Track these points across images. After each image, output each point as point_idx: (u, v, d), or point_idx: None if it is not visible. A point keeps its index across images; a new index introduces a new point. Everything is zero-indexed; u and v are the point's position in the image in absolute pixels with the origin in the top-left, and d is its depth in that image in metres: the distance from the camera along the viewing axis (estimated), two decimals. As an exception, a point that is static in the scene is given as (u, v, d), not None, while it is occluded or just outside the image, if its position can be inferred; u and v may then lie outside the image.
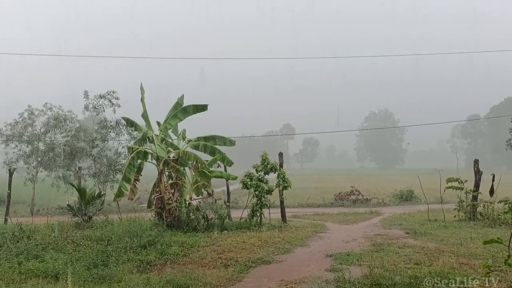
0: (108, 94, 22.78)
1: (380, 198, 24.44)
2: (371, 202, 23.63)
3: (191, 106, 14.69)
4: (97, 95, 22.72)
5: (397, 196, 25.05)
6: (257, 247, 10.58)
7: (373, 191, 29.46)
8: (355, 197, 24.18)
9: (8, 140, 22.75)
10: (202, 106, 14.67)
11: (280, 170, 14.71)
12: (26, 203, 23.37)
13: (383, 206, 22.35)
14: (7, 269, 7.89)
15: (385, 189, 30.49)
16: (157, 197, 13.91)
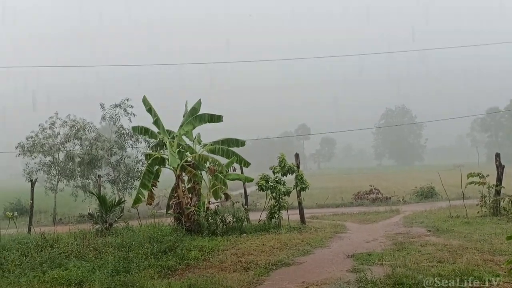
0: (122, 102, 23.08)
1: (400, 196, 24.14)
2: (391, 200, 23.36)
3: (207, 115, 14.75)
4: (112, 104, 23.04)
5: (418, 194, 24.71)
6: (277, 249, 10.55)
7: (392, 189, 29.12)
8: (374, 196, 23.92)
9: (29, 152, 23.15)
10: (217, 117, 14.72)
11: (297, 171, 14.65)
12: (48, 212, 23.76)
13: (403, 204, 22.07)
14: (32, 278, 8.02)
15: (405, 187, 30.10)
16: (175, 202, 14.00)
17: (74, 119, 23.81)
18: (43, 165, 23.45)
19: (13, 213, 14.91)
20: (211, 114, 14.81)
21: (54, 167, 23.51)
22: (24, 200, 24.27)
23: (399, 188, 29.93)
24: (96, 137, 23.74)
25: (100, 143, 23.44)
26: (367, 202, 23.40)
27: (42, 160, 23.54)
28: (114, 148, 23.54)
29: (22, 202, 24.67)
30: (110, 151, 23.48)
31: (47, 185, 23.59)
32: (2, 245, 10.66)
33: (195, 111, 15.10)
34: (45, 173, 23.55)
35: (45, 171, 23.46)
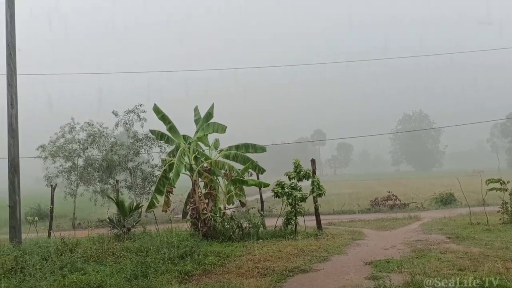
0: (136, 108, 23.37)
1: (418, 203, 23.81)
2: (409, 206, 23.05)
3: (215, 124, 14.78)
4: (126, 110, 23.35)
5: (436, 200, 24.33)
6: (294, 255, 10.50)
7: (410, 195, 28.75)
8: (392, 202, 23.63)
9: (52, 156, 23.53)
10: (222, 127, 14.72)
11: (313, 177, 14.59)
12: (68, 217, 24.10)
13: (422, 211, 21.74)
14: (52, 282, 8.15)
15: (423, 193, 29.69)
16: (192, 208, 14.07)
17: (91, 123, 24.13)
18: (63, 170, 23.80)
19: (34, 218, 15.18)
20: (219, 124, 14.81)
21: (74, 172, 23.86)
22: (44, 205, 24.69)
23: (417, 195, 29.54)
24: (113, 143, 24.02)
25: (118, 147, 23.71)
26: (384, 208, 23.12)
27: (62, 165, 23.90)
28: (130, 154, 23.79)
29: (42, 207, 25.09)
30: (127, 156, 23.74)
31: (67, 190, 23.94)
32: (23, 249, 10.84)
33: (210, 116, 15.18)
34: (65, 178, 23.90)
35: (64, 176, 23.81)
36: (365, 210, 23.24)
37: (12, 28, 12.65)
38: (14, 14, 12.76)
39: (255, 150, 15.63)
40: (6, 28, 12.61)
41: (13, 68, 12.59)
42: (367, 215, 21.07)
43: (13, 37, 12.65)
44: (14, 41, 12.66)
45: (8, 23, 12.63)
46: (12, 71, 12.55)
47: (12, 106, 12.44)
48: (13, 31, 12.66)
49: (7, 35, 12.60)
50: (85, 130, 23.92)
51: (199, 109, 15.76)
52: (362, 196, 29.98)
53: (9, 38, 12.59)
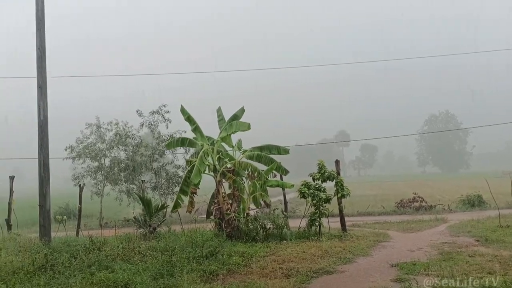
0: (160, 109, 23.64)
1: (445, 204, 23.31)
2: (436, 208, 22.60)
3: (237, 122, 14.81)
4: (151, 111, 23.65)
5: (464, 202, 23.75)
6: (318, 257, 10.46)
7: (437, 197, 28.18)
8: (418, 204, 23.20)
9: (79, 156, 24.06)
10: (245, 125, 14.73)
11: (337, 178, 14.50)
12: (95, 216, 24.61)
13: (449, 213, 21.28)
14: (80, 279, 8.34)
15: (450, 195, 29.04)
16: (216, 208, 14.19)
17: (116, 122, 24.53)
18: (90, 170, 24.31)
19: (63, 217, 15.59)
20: (242, 122, 14.84)
21: (100, 172, 24.33)
22: (72, 204, 25.31)
23: (444, 196, 28.94)
24: (138, 143, 24.37)
25: (143, 147, 24.06)
26: (410, 210, 22.73)
27: (89, 165, 24.41)
28: (155, 154, 24.11)
29: (70, 206, 25.72)
30: (152, 157, 24.06)
31: (94, 190, 24.43)
32: (53, 247, 11.16)
33: (236, 118, 15.25)
34: (92, 178, 24.39)
35: (92, 176, 24.30)
36: (390, 212, 22.90)
37: (42, 31, 13.02)
38: (43, 18, 13.12)
39: (279, 151, 15.66)
40: (37, 32, 12.98)
41: (43, 70, 12.95)
42: (392, 217, 20.77)
43: (43, 41, 13.02)
44: (44, 45, 13.03)
45: (38, 27, 12.99)
46: (42, 73, 12.91)
47: (42, 108, 12.79)
48: (43, 35, 13.03)
49: (37, 39, 12.97)
50: (110, 131, 24.34)
51: (222, 110, 15.88)
52: (387, 198, 29.55)
53: (39, 42, 12.95)
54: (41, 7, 13.06)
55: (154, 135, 24.31)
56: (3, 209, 16.32)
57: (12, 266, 9.23)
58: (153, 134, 24.36)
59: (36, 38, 13.01)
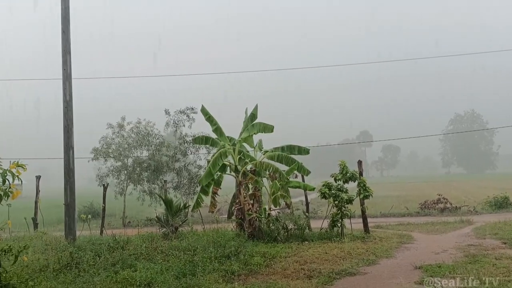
0: (187, 109, 23.81)
1: (470, 206, 22.82)
2: (461, 210, 22.15)
3: (260, 124, 14.78)
4: (177, 110, 23.84)
5: (490, 203, 23.20)
6: (340, 258, 10.36)
7: (462, 198, 27.61)
8: (442, 206, 22.78)
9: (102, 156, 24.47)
10: (269, 127, 14.68)
11: (360, 179, 14.34)
12: (118, 216, 24.99)
13: (475, 215, 20.81)
14: (105, 277, 8.47)
15: (476, 196, 28.41)
16: (237, 208, 14.21)
17: (139, 121, 24.84)
18: (113, 170, 24.69)
19: (87, 216, 15.88)
20: (264, 124, 14.83)
21: (123, 171, 24.68)
22: (95, 203, 25.76)
23: (469, 198, 28.33)
24: (161, 143, 24.62)
25: (165, 148, 24.30)
26: (434, 212, 22.34)
27: (112, 165, 24.80)
28: (177, 154, 24.30)
29: (94, 205, 26.19)
30: (174, 157, 24.28)
31: (117, 189, 24.81)
32: (78, 246, 11.37)
33: (254, 117, 15.27)
34: (115, 178, 24.76)
35: (115, 175, 24.68)
36: (414, 213, 22.56)
37: (67, 34, 13.29)
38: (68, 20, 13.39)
39: (299, 152, 15.59)
40: (62, 35, 13.26)
41: (69, 72, 13.21)
42: (416, 218, 20.45)
43: (68, 43, 13.28)
44: (69, 47, 13.30)
45: (64, 30, 13.26)
46: (67, 75, 13.17)
47: (67, 109, 13.07)
48: (68, 37, 13.30)
49: (62, 42, 13.25)
50: (133, 131, 24.66)
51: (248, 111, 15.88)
52: (411, 199, 29.12)
53: (65, 44, 13.23)
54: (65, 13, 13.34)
55: (176, 135, 24.50)
56: (29, 208, 16.74)
57: (38, 264, 9.45)
58: (175, 134, 24.57)
59: (61, 42, 13.29)
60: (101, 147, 24.46)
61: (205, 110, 15.46)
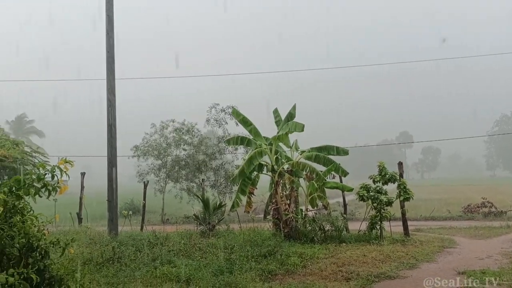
0: (227, 107, 23.98)
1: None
2: (507, 215, 21.19)
3: (293, 123, 14.62)
4: (219, 108, 24.06)
5: (540, 209, 22.08)
6: (379, 261, 10.18)
7: (508, 202, 26.34)
8: (487, 210, 21.89)
9: (143, 154, 25.10)
10: (300, 126, 14.46)
11: (400, 180, 14.02)
12: (157, 212, 25.54)
13: (522, 220, 19.88)
14: (145, 272, 8.70)
15: (524, 201, 27.11)
16: (273, 208, 14.22)
17: (182, 122, 25.26)
18: (153, 167, 25.28)
19: (128, 212, 16.34)
20: (296, 123, 14.64)
21: (163, 170, 25.21)
22: (136, 200, 26.43)
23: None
24: (200, 141, 24.94)
25: (203, 146, 24.61)
26: (478, 216, 21.50)
27: (153, 163, 25.38)
28: (216, 153, 24.56)
29: (134, 202, 26.88)
30: (212, 155, 24.55)
31: (156, 187, 25.37)
32: (120, 241, 11.71)
33: (291, 117, 15.20)
34: (155, 175, 25.34)
35: (155, 173, 25.25)
36: (456, 217, 21.82)
37: (111, 36, 13.72)
38: (112, 21, 13.82)
39: (337, 152, 15.38)
40: (107, 36, 13.70)
41: (112, 73, 13.65)
42: (458, 222, 19.77)
43: (112, 46, 13.71)
44: (113, 50, 13.73)
45: (108, 33, 13.70)
46: (111, 76, 13.61)
47: (111, 108, 13.49)
48: (112, 39, 13.73)
49: (107, 43, 13.69)
50: (175, 131, 25.12)
51: (280, 110, 15.87)
52: (453, 202, 28.15)
53: (109, 46, 13.66)
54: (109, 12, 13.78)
55: (216, 133, 24.76)
56: (74, 204, 17.36)
57: (83, 257, 9.81)
58: (213, 132, 24.83)
59: (106, 43, 13.73)
60: (141, 146, 25.08)
61: (237, 112, 15.50)
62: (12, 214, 4.98)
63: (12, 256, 4.84)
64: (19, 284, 4.43)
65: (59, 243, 5.16)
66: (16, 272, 4.51)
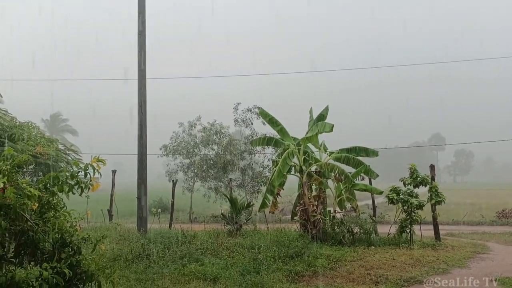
0: (254, 108, 24.01)
1: (556, 218, 20.94)
2: (544, 221, 20.41)
3: (322, 123, 14.45)
4: (245, 108, 24.12)
5: None
6: (409, 265, 9.97)
7: (546, 208, 25.38)
8: (523, 215, 21.15)
9: (171, 153, 25.43)
10: (328, 126, 14.26)
11: (432, 184, 13.69)
12: (185, 211, 25.82)
13: (561, 227, 19.10)
14: (173, 270, 8.82)
15: None
16: (301, 209, 14.13)
17: (212, 123, 25.46)
18: (182, 166, 25.57)
19: (157, 210, 16.58)
20: (325, 123, 14.44)
21: (191, 168, 25.46)
22: (164, 198, 26.82)
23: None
24: (229, 142, 25.06)
25: (231, 147, 24.71)
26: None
27: (181, 162, 25.67)
28: (244, 153, 24.62)
29: (163, 200, 27.29)
30: (240, 155, 24.62)
31: (185, 185, 25.66)
32: (149, 238, 11.89)
33: (322, 118, 15.07)
34: (184, 174, 25.61)
35: (184, 171, 25.53)
36: (490, 222, 21.17)
37: (143, 37, 13.96)
38: (144, 21, 14.06)
39: (367, 154, 15.15)
40: (138, 37, 13.95)
41: (144, 72, 13.89)
42: (492, 227, 19.17)
43: (143, 45, 13.95)
44: (144, 49, 13.97)
45: (140, 33, 13.96)
46: (142, 75, 13.85)
47: (142, 107, 13.73)
48: (143, 40, 13.97)
49: (139, 43, 13.93)
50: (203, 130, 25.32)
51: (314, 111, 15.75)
52: (487, 207, 27.25)
53: (141, 45, 13.90)
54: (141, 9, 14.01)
55: (242, 133, 24.82)
56: (105, 201, 17.76)
57: (113, 253, 10.03)
58: (241, 132, 24.89)
59: (138, 43, 13.97)
60: (170, 145, 25.40)
61: (264, 112, 15.45)
62: (46, 210, 5.12)
63: (46, 251, 4.98)
64: (52, 278, 4.55)
65: (91, 239, 5.27)
66: (50, 266, 4.63)
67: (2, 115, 15.63)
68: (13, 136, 14.31)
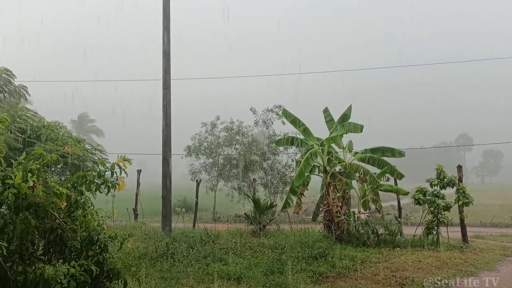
0: (275, 107, 23.97)
1: None
2: None
3: (350, 124, 14.24)
4: (265, 109, 24.11)
5: None
6: (435, 267, 9.77)
7: None
8: (555, 218, 20.44)
9: (194, 153, 25.63)
10: (358, 127, 14.07)
11: (459, 185, 13.38)
12: (209, 211, 25.99)
13: None
14: (197, 269, 8.88)
15: None
16: (325, 210, 14.03)
17: (232, 121, 25.56)
18: (206, 166, 25.74)
19: (181, 209, 16.74)
20: (354, 123, 14.26)
21: (215, 168, 25.61)
22: (188, 197, 27.05)
23: None
24: (251, 141, 25.09)
25: (254, 147, 24.73)
26: (545, 224, 20.12)
27: (205, 161, 25.86)
28: (267, 153, 24.61)
29: (187, 200, 27.51)
30: (263, 155, 24.61)
31: (208, 185, 25.82)
32: (173, 237, 12.03)
33: (346, 118, 14.92)
34: (207, 174, 25.78)
35: (207, 171, 25.70)
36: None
37: (167, 37, 14.12)
38: (169, 26, 14.22)
39: (393, 154, 14.91)
40: (163, 38, 14.12)
41: (168, 73, 14.04)
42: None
43: (168, 46, 14.11)
44: (169, 49, 14.13)
45: (164, 34, 14.12)
46: (167, 76, 14.01)
47: (166, 108, 13.89)
48: (168, 40, 14.13)
49: (163, 44, 14.10)
50: (225, 130, 25.44)
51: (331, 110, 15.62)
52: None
53: (165, 47, 14.07)
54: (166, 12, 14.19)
55: (265, 133, 24.80)
56: (131, 200, 18.03)
57: (138, 252, 10.18)
58: (263, 132, 24.88)
59: (162, 44, 14.14)
60: (193, 145, 25.61)
61: (287, 113, 15.39)
62: (74, 209, 5.23)
63: (74, 249, 5.09)
64: (80, 275, 4.64)
65: (117, 237, 5.36)
66: (78, 264, 4.73)
67: (32, 115, 16.08)
68: (42, 136, 14.70)
